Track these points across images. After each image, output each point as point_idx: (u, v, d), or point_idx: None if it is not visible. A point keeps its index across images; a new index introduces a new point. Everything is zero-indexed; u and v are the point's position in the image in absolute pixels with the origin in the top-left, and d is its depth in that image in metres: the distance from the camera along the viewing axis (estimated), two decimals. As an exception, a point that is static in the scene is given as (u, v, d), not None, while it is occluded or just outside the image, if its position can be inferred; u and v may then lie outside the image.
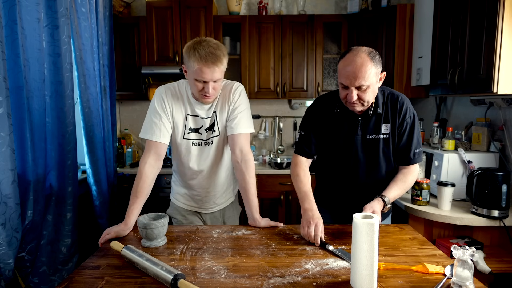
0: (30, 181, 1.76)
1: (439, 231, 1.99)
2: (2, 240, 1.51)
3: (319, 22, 3.11)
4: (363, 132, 1.49)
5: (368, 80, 1.33)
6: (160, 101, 1.52)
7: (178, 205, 1.73)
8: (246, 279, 1.06)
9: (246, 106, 1.59)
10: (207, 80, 1.40)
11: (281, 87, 3.17)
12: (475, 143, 2.16)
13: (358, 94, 1.36)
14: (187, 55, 1.40)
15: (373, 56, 1.34)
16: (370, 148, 1.50)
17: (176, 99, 1.54)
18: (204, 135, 1.59)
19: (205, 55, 1.36)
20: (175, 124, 1.55)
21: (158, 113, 1.51)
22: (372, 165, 1.53)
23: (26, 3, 1.71)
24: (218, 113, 1.57)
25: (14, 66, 1.65)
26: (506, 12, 1.68)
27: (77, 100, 2.32)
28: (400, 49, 2.83)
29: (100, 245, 1.34)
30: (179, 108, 1.54)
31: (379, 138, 1.49)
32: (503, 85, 1.71)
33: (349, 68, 1.33)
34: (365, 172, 1.54)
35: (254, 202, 1.54)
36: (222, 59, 1.40)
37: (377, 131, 1.49)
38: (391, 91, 1.51)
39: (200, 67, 1.37)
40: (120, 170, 2.98)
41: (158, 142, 1.50)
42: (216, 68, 1.38)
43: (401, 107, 1.48)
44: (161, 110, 1.51)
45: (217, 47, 1.39)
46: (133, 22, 3.11)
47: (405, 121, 1.48)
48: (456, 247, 1.01)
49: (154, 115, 1.51)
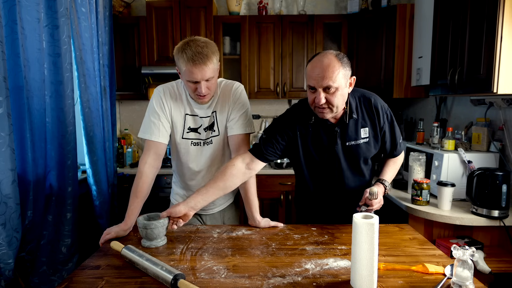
0: (30, 181, 1.76)
1: (439, 231, 1.99)
2: (2, 240, 1.51)
3: (319, 22, 3.11)
4: (342, 141, 1.44)
5: (336, 82, 1.28)
6: (158, 100, 1.51)
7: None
8: (246, 279, 1.06)
9: (247, 107, 1.59)
10: (198, 80, 1.38)
11: (281, 87, 3.17)
12: (475, 143, 2.16)
13: (327, 97, 1.30)
14: (177, 58, 1.40)
15: (340, 58, 1.31)
16: (351, 155, 1.47)
17: (174, 99, 1.53)
18: (203, 134, 1.58)
19: (192, 56, 1.34)
20: (174, 123, 1.55)
21: (156, 112, 1.50)
22: (356, 171, 1.51)
23: (26, 3, 1.71)
24: (218, 113, 1.56)
25: (14, 66, 1.65)
26: (506, 12, 1.68)
27: (77, 100, 2.32)
28: (400, 49, 2.83)
29: (100, 245, 1.34)
30: (178, 108, 1.54)
31: (359, 144, 1.45)
32: (503, 85, 1.71)
33: (316, 70, 1.29)
34: (350, 179, 1.52)
35: (255, 202, 1.53)
36: (211, 57, 1.37)
37: (356, 137, 1.45)
38: (362, 93, 1.48)
39: (189, 68, 1.36)
40: (120, 170, 2.98)
41: (157, 141, 1.49)
42: (205, 67, 1.36)
43: (376, 108, 1.45)
44: (160, 110, 1.51)
45: (204, 45, 1.36)
46: (133, 22, 3.11)
47: (384, 122, 1.46)
48: (456, 247, 1.01)
49: (152, 115, 1.51)
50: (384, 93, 2.94)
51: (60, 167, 2.07)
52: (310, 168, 1.53)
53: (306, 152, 1.48)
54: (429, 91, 2.41)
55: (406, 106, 3.31)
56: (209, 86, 1.43)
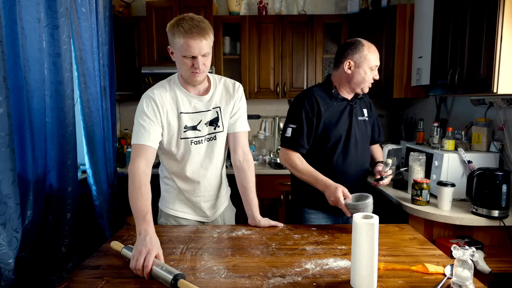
0: (30, 181, 1.76)
1: (439, 231, 1.99)
2: (2, 240, 1.51)
3: (319, 22, 3.11)
4: (355, 116, 1.72)
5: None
6: (149, 103, 1.42)
7: (178, 215, 1.60)
8: (246, 279, 1.06)
9: (245, 106, 1.60)
10: (196, 55, 1.34)
11: (281, 87, 3.17)
12: (475, 143, 2.16)
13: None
14: (171, 33, 1.35)
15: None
16: (361, 129, 1.74)
17: (166, 99, 1.44)
18: (204, 130, 1.50)
19: (190, 28, 1.30)
20: (170, 125, 1.45)
21: (147, 116, 1.40)
22: (364, 146, 1.77)
23: (26, 3, 1.71)
24: (222, 108, 1.52)
25: (14, 66, 1.65)
26: (506, 12, 1.68)
27: (77, 100, 2.32)
28: (400, 49, 2.83)
29: (146, 277, 1.08)
30: (172, 108, 1.45)
31: (364, 120, 1.77)
32: (503, 85, 1.71)
33: (377, 53, 1.69)
34: (360, 154, 1.74)
35: (254, 201, 1.53)
36: (208, 32, 1.35)
37: (362, 114, 1.76)
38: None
39: (186, 41, 1.31)
40: (120, 170, 2.98)
41: (147, 145, 1.37)
42: (203, 40, 1.32)
43: (367, 96, 1.85)
44: (151, 113, 1.40)
45: (201, 20, 1.34)
46: (133, 22, 3.11)
47: (373, 108, 1.86)
48: (456, 247, 1.01)
49: (142, 119, 1.40)
50: (384, 93, 2.94)
51: (60, 167, 2.07)
52: (327, 145, 1.69)
53: (327, 128, 1.67)
54: (429, 91, 2.41)
55: (406, 106, 3.31)
56: (205, 63, 1.39)
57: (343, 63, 1.66)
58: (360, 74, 1.63)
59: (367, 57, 1.62)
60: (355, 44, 1.65)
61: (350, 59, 1.64)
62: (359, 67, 1.63)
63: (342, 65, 1.66)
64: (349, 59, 1.64)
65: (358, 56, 1.63)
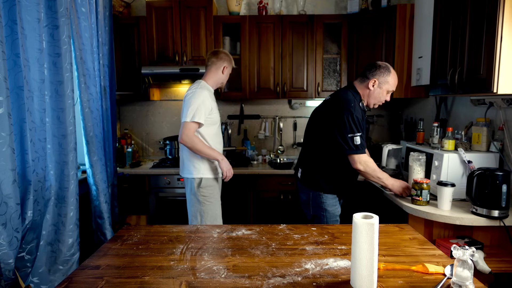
0: (30, 181, 1.76)
1: (439, 231, 1.99)
2: (3, 240, 1.52)
3: (319, 22, 3.11)
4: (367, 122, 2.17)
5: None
6: (209, 95, 2.22)
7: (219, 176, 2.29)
8: (246, 279, 1.06)
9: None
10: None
11: (281, 87, 3.17)
12: (475, 143, 2.16)
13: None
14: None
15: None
16: (367, 134, 2.16)
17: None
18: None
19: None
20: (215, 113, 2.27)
21: (209, 101, 2.20)
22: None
23: (26, 3, 1.71)
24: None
25: (14, 66, 1.65)
26: (506, 12, 1.68)
27: (77, 100, 2.32)
28: (400, 49, 2.83)
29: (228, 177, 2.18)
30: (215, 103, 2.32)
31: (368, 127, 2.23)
32: (503, 85, 1.71)
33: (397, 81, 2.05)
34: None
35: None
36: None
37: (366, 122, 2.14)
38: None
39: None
40: (120, 170, 2.98)
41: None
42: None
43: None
44: (212, 101, 2.24)
45: None
46: (133, 22, 3.11)
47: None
48: (456, 247, 1.01)
49: (205, 103, 2.17)
50: (384, 93, 2.94)
51: (60, 167, 2.07)
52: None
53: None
54: (429, 91, 2.41)
55: (406, 106, 3.31)
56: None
57: (370, 80, 1.97)
58: (379, 93, 1.99)
59: (390, 82, 1.97)
60: (385, 68, 1.98)
61: (376, 79, 1.96)
62: (381, 88, 1.97)
63: (368, 81, 1.98)
64: (376, 78, 1.96)
65: (383, 79, 1.96)
